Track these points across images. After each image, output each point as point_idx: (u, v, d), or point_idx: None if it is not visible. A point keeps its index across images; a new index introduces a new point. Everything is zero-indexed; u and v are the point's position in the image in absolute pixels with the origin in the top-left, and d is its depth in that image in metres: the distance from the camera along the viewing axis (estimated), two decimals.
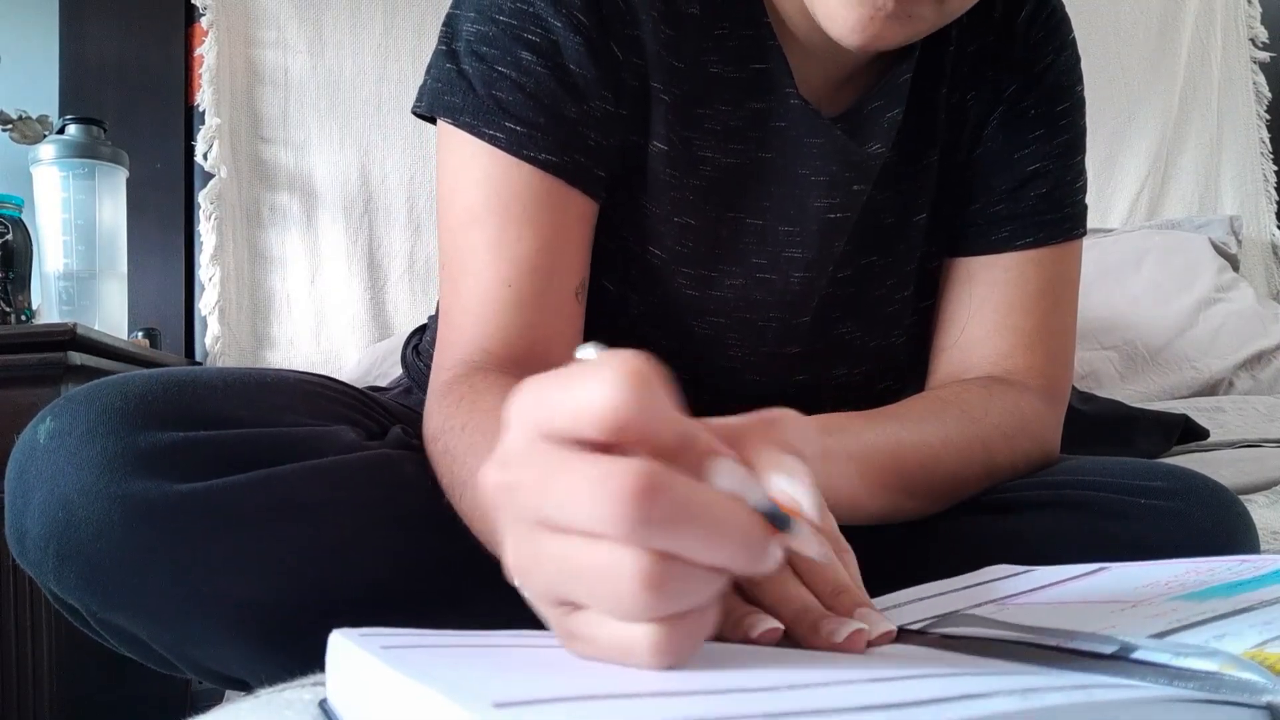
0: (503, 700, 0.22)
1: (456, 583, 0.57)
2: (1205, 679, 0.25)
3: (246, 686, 0.56)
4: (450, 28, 0.64)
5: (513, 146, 0.60)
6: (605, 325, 0.67)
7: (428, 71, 0.65)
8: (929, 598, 0.46)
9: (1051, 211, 0.73)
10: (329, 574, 0.53)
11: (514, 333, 0.60)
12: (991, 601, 0.43)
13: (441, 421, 0.56)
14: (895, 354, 0.76)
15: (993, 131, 0.73)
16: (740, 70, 0.67)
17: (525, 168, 0.61)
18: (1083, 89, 0.76)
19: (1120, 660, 0.28)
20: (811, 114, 0.68)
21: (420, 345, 0.88)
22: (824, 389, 0.75)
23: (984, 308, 0.72)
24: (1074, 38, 0.75)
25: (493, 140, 0.61)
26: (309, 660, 0.51)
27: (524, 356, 0.60)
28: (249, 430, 0.54)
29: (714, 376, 0.72)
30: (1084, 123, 0.76)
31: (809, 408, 0.48)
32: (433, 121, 0.65)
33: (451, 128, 0.62)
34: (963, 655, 0.32)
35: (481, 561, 0.55)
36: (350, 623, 0.52)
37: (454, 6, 0.65)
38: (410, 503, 0.57)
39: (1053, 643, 0.31)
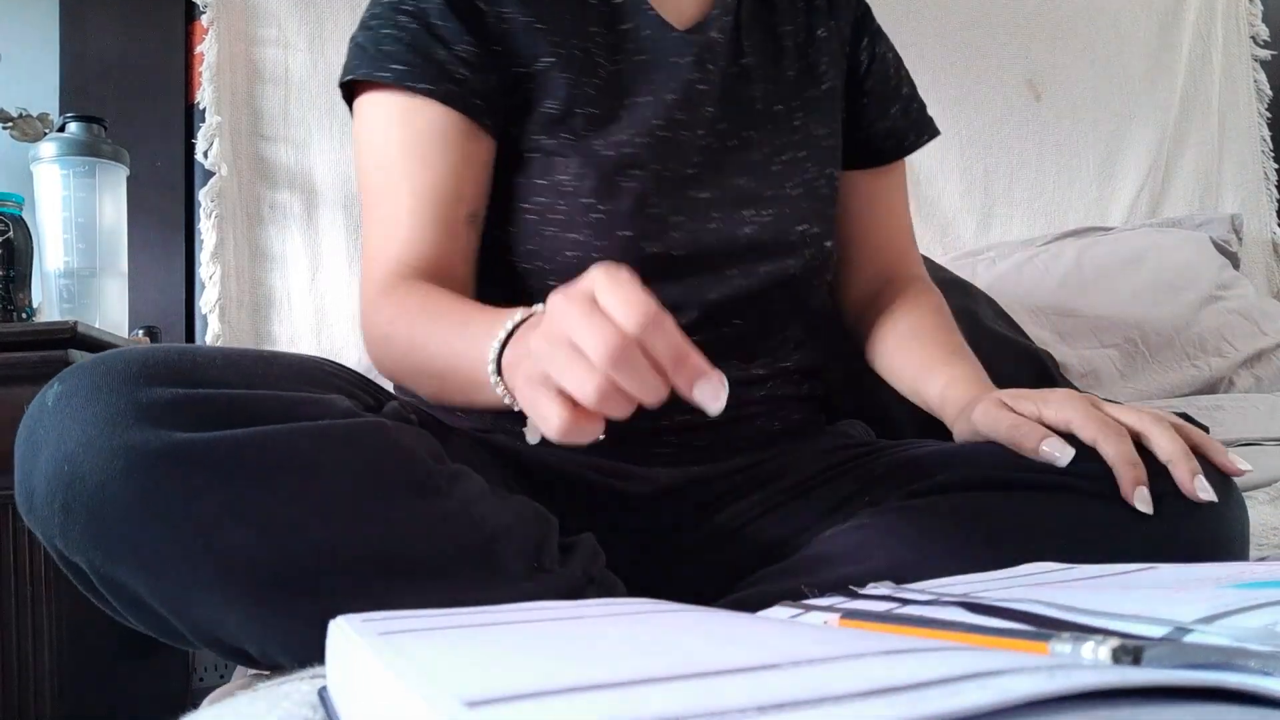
0: (475, 699, 0.20)
1: (446, 549, 0.58)
2: (1268, 659, 0.23)
3: (247, 658, 0.57)
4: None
5: (398, 81, 0.76)
6: (547, 192, 0.78)
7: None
8: (968, 584, 0.45)
9: (923, 116, 0.97)
10: (323, 533, 0.54)
11: (425, 248, 0.75)
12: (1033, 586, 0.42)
13: (395, 310, 0.71)
14: (795, 202, 0.85)
15: (870, 52, 0.93)
16: (604, 3, 0.83)
17: (416, 100, 0.76)
18: None
19: (1171, 643, 0.26)
20: (667, 25, 0.83)
21: None
22: (739, 238, 0.82)
23: (890, 213, 0.96)
24: None
25: (381, 80, 0.76)
26: (303, 624, 0.51)
27: (431, 269, 0.74)
28: (249, 390, 0.56)
29: (656, 225, 0.81)
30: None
31: (728, 256, 0.80)
32: (352, 102, 0.81)
33: (359, 99, 0.79)
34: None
35: (472, 529, 0.59)
36: (342, 584, 0.53)
37: None
38: (405, 469, 0.58)
39: (1098, 624, 0.29)
